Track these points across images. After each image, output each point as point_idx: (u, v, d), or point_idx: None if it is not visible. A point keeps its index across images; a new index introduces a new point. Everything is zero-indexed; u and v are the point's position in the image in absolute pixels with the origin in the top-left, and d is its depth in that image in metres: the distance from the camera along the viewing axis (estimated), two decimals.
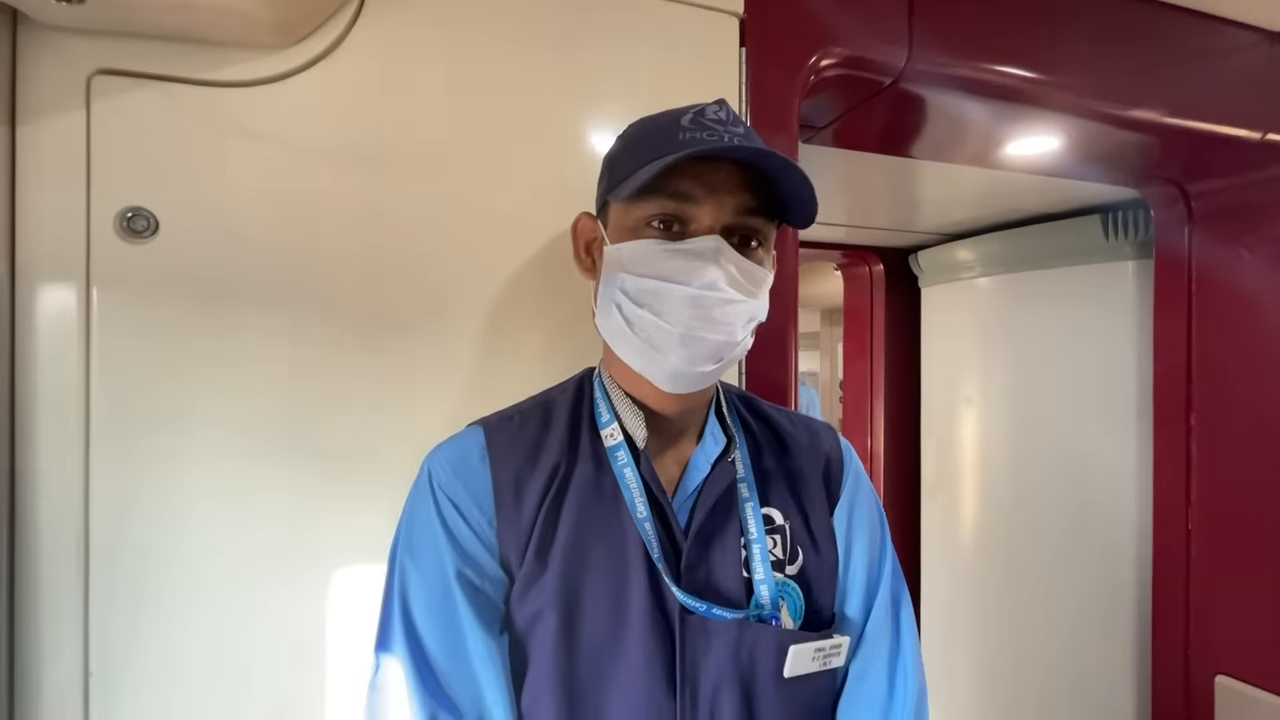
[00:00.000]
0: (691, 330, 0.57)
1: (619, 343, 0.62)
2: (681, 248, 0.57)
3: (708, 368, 0.60)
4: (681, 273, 0.57)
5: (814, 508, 0.68)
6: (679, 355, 0.58)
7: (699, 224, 0.58)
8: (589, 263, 0.68)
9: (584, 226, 0.68)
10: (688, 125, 0.58)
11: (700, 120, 0.58)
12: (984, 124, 1.25)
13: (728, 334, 0.58)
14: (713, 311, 0.57)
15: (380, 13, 0.78)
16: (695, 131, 0.57)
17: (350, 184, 0.77)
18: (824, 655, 0.62)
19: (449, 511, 0.60)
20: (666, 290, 0.57)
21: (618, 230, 0.62)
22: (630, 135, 0.64)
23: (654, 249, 0.58)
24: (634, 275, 0.59)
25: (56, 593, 0.69)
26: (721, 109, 0.60)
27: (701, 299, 0.57)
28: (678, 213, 0.58)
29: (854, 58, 1.00)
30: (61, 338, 0.69)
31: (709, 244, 0.57)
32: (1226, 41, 1.26)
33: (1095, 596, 1.77)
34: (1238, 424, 1.43)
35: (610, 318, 0.61)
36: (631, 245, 0.59)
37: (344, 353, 0.77)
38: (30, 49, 0.68)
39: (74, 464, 0.70)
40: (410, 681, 0.57)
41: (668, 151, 0.55)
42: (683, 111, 0.60)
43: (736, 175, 0.58)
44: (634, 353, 0.61)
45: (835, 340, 5.13)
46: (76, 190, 0.70)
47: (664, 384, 0.61)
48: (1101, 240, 1.75)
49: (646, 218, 0.59)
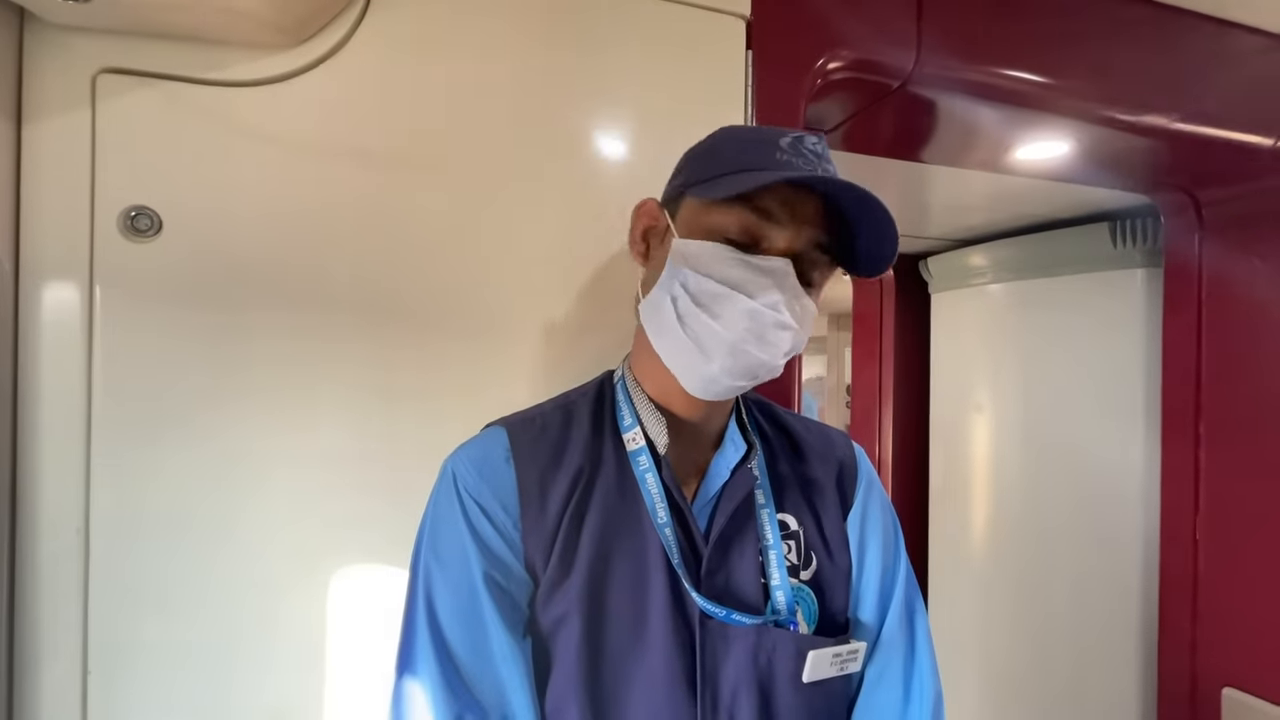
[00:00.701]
0: (743, 342, 0.57)
1: (663, 336, 0.61)
2: (754, 261, 0.57)
3: (741, 382, 0.60)
4: (748, 284, 0.57)
5: (827, 513, 0.68)
6: (722, 364, 0.58)
7: (773, 244, 0.58)
8: (643, 248, 0.67)
9: (649, 210, 0.66)
10: (786, 148, 0.58)
11: (799, 147, 0.58)
12: (993, 128, 1.24)
13: (772, 355, 0.58)
14: (767, 330, 0.57)
15: (385, 13, 0.78)
16: (793, 156, 0.58)
17: (354, 184, 0.77)
18: (841, 660, 0.62)
19: (475, 513, 0.60)
20: (730, 297, 0.57)
21: (688, 227, 0.61)
22: (721, 139, 0.64)
23: (726, 254, 0.58)
24: (699, 274, 0.58)
25: (56, 591, 0.69)
26: (819, 143, 0.60)
27: (761, 314, 0.57)
28: (758, 229, 0.58)
29: (861, 60, 0.99)
30: (64, 336, 0.70)
31: (781, 265, 0.57)
32: (1239, 46, 1.24)
33: (1102, 605, 1.75)
34: (1247, 434, 1.41)
35: (661, 310, 0.61)
36: (702, 244, 0.59)
37: (348, 353, 0.77)
38: (36, 47, 0.69)
39: (75, 462, 0.70)
40: (435, 682, 0.56)
41: (764, 165, 0.56)
42: (780, 133, 0.60)
43: (820, 210, 0.58)
44: (677, 350, 0.60)
45: (842, 345, 5.12)
46: (81, 188, 0.70)
47: (696, 389, 0.60)
48: (1110, 248, 1.74)
49: (725, 224, 0.58)
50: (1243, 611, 1.41)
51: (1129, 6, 1.16)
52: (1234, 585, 1.42)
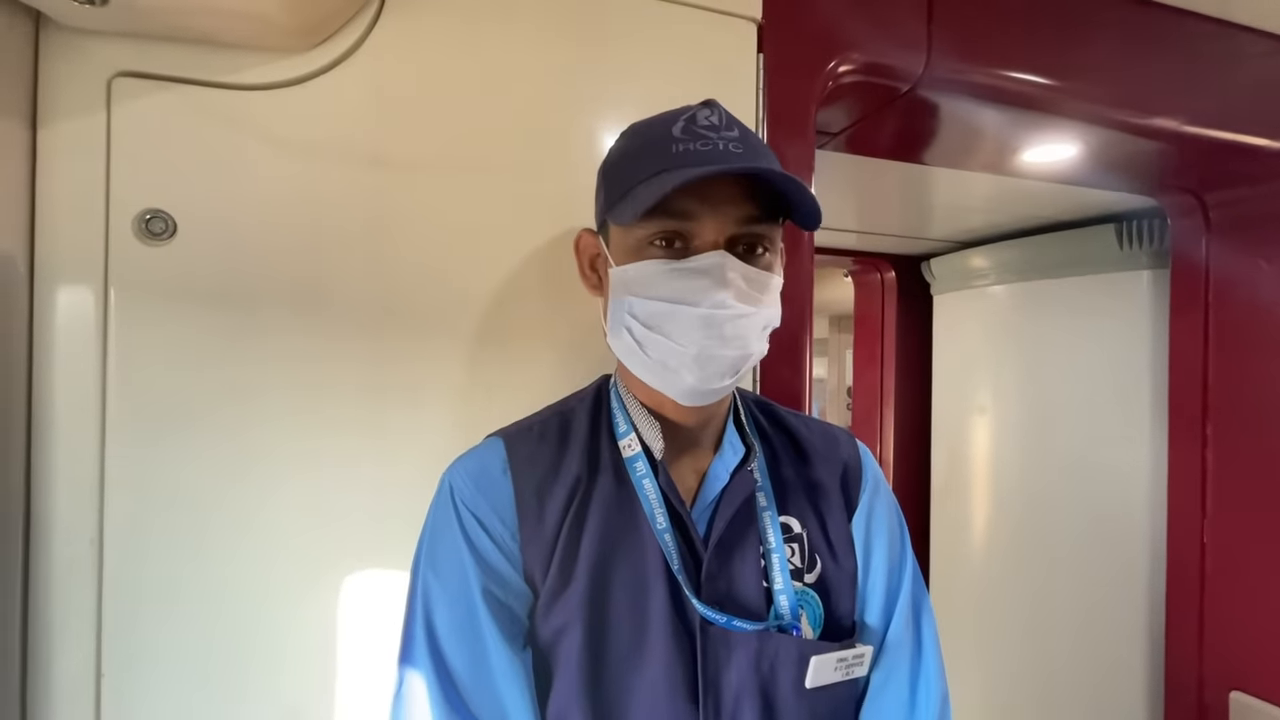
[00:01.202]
0: (706, 350, 0.57)
1: (633, 363, 0.62)
2: (686, 266, 0.56)
3: (725, 382, 0.59)
4: (689, 293, 0.56)
5: (832, 515, 0.67)
6: (694, 375, 0.58)
7: (702, 239, 0.57)
8: (595, 279, 0.67)
9: (586, 243, 0.67)
10: (680, 136, 0.57)
11: (692, 128, 0.57)
12: (1000, 131, 1.24)
13: (741, 348, 0.58)
14: (724, 329, 0.56)
15: (399, 16, 0.78)
16: (688, 142, 0.56)
17: (368, 187, 0.77)
18: (846, 665, 0.61)
19: (472, 525, 0.59)
20: (676, 312, 0.57)
21: (620, 250, 0.61)
22: (622, 148, 0.63)
23: (659, 270, 0.57)
24: (641, 298, 0.58)
25: (70, 592, 0.69)
26: (713, 113, 0.58)
27: (712, 318, 0.56)
28: (679, 230, 0.57)
29: (872, 64, 0.99)
30: (79, 338, 0.70)
31: (714, 260, 0.56)
32: (1245, 49, 1.25)
33: (1107, 608, 1.75)
34: (1255, 436, 1.41)
35: (622, 340, 0.61)
36: (636, 267, 0.58)
37: (362, 357, 0.77)
38: (52, 51, 0.69)
39: (90, 464, 0.70)
40: (433, 698, 0.56)
41: (661, 166, 0.55)
42: (673, 119, 0.59)
43: (736, 185, 0.57)
44: (649, 372, 0.61)
45: (844, 347, 5.12)
46: (96, 192, 0.70)
47: (682, 399, 0.60)
48: (1116, 250, 1.74)
49: (648, 237, 0.58)
50: (1250, 614, 1.40)
51: (1137, 9, 1.16)
52: (1242, 588, 1.42)
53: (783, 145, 0.93)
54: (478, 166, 0.81)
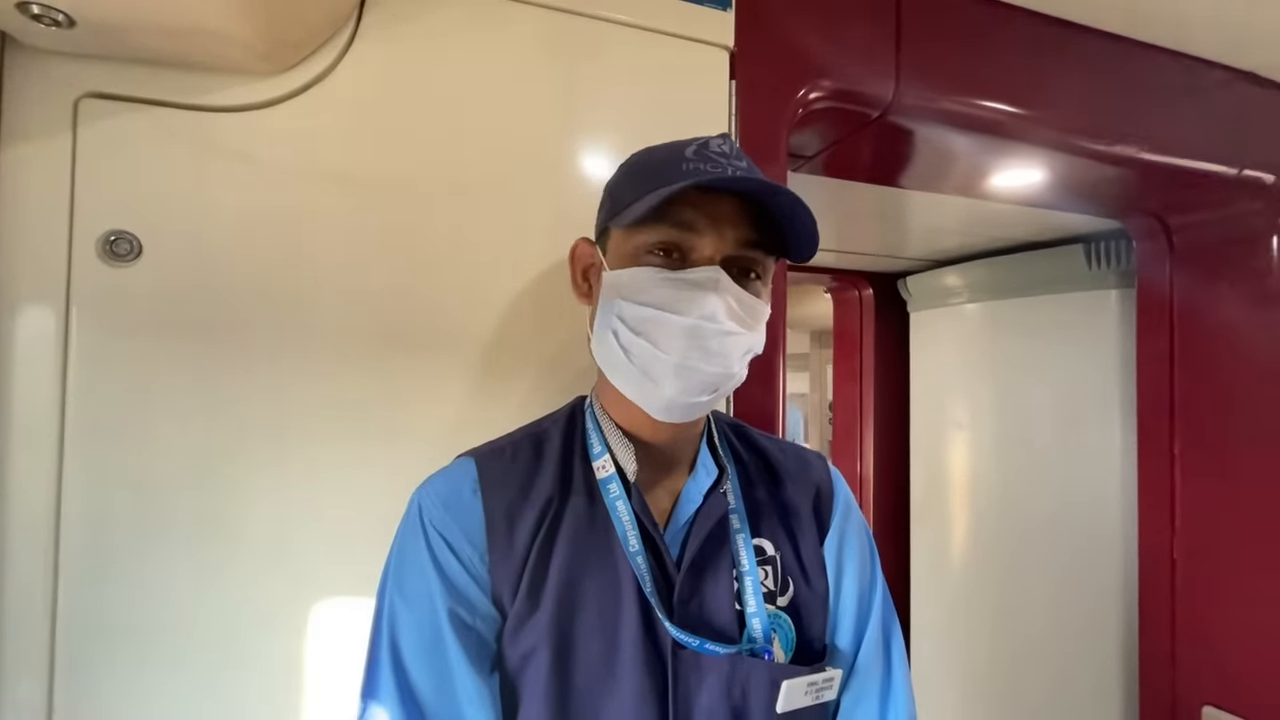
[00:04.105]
0: (687, 360, 0.57)
1: (614, 370, 0.62)
2: (681, 277, 0.57)
3: (702, 398, 0.59)
4: (680, 302, 0.57)
5: (804, 538, 0.68)
6: (674, 386, 0.58)
7: (699, 254, 0.58)
8: (585, 288, 0.68)
9: (582, 251, 0.68)
10: (691, 157, 0.58)
11: (704, 152, 0.59)
12: (970, 156, 1.27)
13: (724, 366, 0.58)
14: (709, 343, 0.57)
15: (373, 41, 0.78)
16: (699, 163, 0.58)
17: (337, 211, 0.77)
18: (816, 689, 0.61)
19: (440, 548, 0.59)
20: (664, 319, 0.57)
21: (617, 257, 0.62)
22: (632, 164, 0.65)
23: (653, 276, 0.58)
24: (632, 302, 0.59)
25: (22, 620, 0.67)
26: (725, 142, 0.60)
27: (699, 329, 0.57)
28: (679, 241, 0.58)
29: (842, 91, 1.02)
30: (39, 359, 0.68)
31: (709, 274, 0.57)
32: (1203, 80, 1.29)
33: (1082, 624, 1.77)
34: (1221, 452, 1.44)
35: (606, 344, 0.61)
36: (631, 272, 0.59)
37: (328, 380, 0.76)
38: (18, 71, 0.68)
39: (46, 487, 0.68)
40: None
41: (671, 181, 0.56)
42: (687, 143, 0.60)
43: (739, 208, 0.58)
44: (629, 381, 0.61)
45: (824, 362, 5.16)
46: (59, 212, 0.69)
47: (658, 413, 0.60)
48: (1085, 270, 1.78)
49: (648, 245, 0.59)
50: (1221, 629, 1.43)
51: (1100, 41, 1.20)
52: (1212, 603, 1.45)
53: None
54: (448, 191, 0.81)
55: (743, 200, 0.58)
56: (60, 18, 0.61)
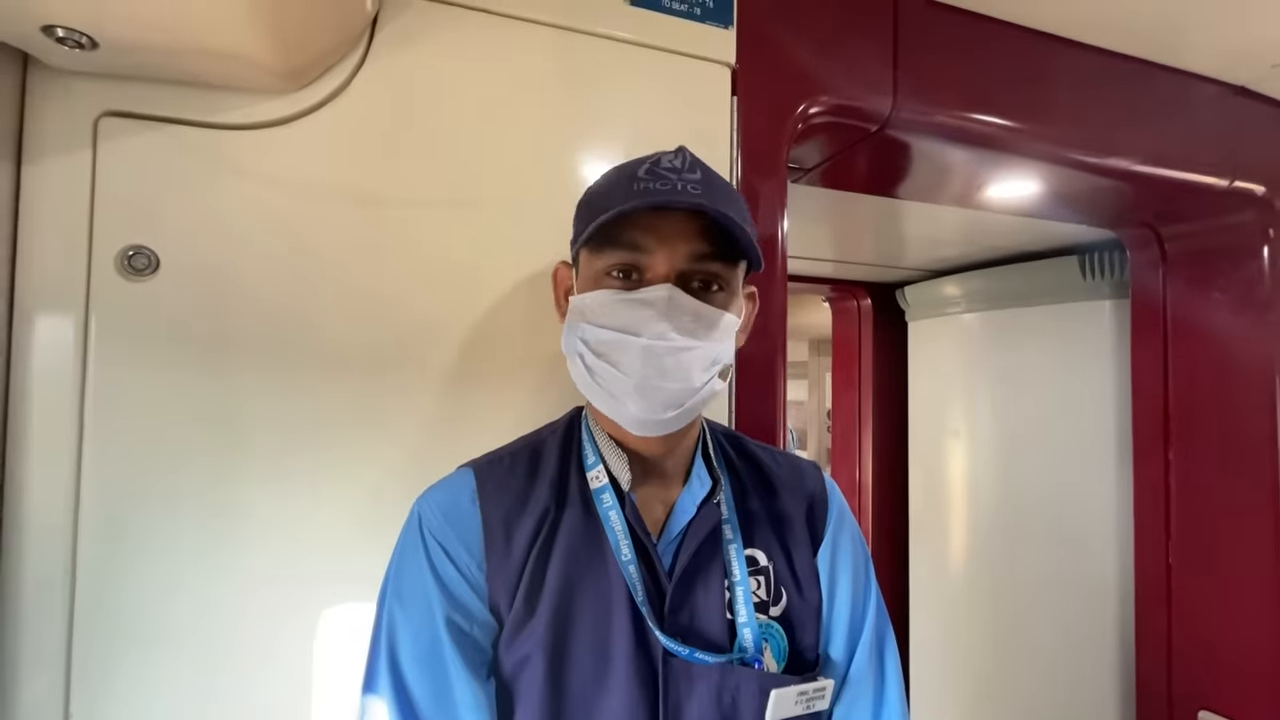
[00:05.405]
0: (646, 380, 0.58)
1: (586, 391, 0.63)
2: (634, 297, 0.58)
3: (669, 414, 0.60)
4: (635, 323, 0.58)
5: (798, 548, 0.68)
6: (638, 405, 0.59)
7: (654, 272, 0.59)
8: (566, 309, 0.69)
9: (562, 275, 0.70)
10: (643, 176, 0.59)
11: (655, 170, 0.59)
12: (966, 169, 1.29)
13: (683, 381, 0.59)
14: (664, 361, 0.58)
15: (385, 59, 0.80)
16: (649, 182, 0.58)
17: (352, 227, 0.78)
18: (807, 699, 0.61)
19: (438, 556, 0.60)
20: (622, 341, 0.58)
21: (584, 280, 0.63)
22: (593, 187, 0.66)
23: (611, 299, 0.59)
24: (593, 325, 0.60)
25: (41, 628, 0.68)
26: (678, 157, 0.61)
27: (652, 349, 0.57)
28: (633, 262, 0.59)
29: (841, 106, 1.04)
30: (59, 368, 0.70)
31: (659, 293, 0.58)
32: (1194, 94, 1.32)
33: (1079, 630, 1.78)
34: (1214, 459, 1.46)
35: (575, 367, 0.63)
36: (592, 295, 0.60)
37: (342, 393, 0.77)
38: (39, 91, 0.70)
39: (65, 499, 0.69)
40: None
41: (620, 202, 0.57)
42: (640, 162, 0.61)
43: (689, 223, 0.59)
44: (599, 400, 0.62)
45: (823, 370, 5.18)
46: (79, 228, 0.70)
47: (632, 429, 0.62)
48: (1080, 280, 1.81)
49: (606, 268, 0.60)
50: (1217, 634, 1.44)
51: (1094, 57, 1.22)
52: (1208, 609, 1.46)
53: (756, 181, 0.97)
54: (461, 208, 0.82)
55: (696, 215, 0.59)
56: (84, 40, 0.63)
